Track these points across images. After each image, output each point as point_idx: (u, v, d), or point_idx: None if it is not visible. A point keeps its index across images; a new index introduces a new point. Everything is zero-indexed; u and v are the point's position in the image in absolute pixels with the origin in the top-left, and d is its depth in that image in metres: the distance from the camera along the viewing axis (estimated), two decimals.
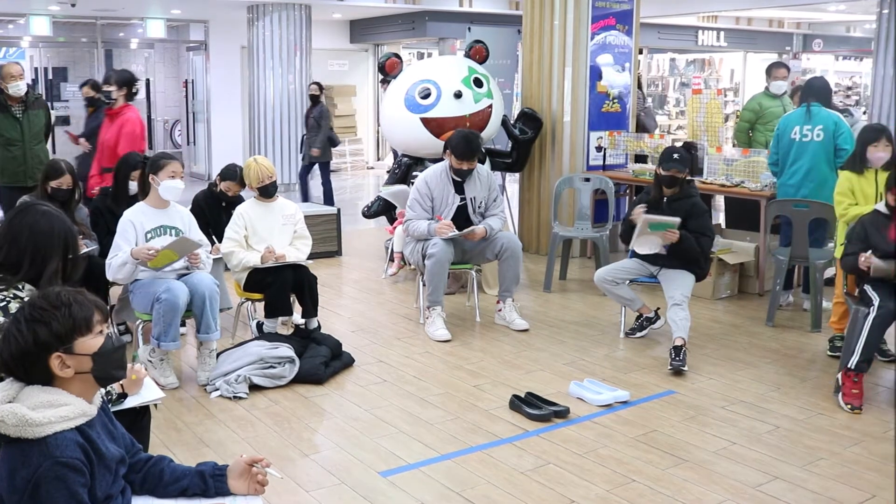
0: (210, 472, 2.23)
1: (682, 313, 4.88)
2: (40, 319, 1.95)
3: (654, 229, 4.94)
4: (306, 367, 4.60)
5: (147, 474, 2.22)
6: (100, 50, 13.15)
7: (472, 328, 5.66)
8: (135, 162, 5.17)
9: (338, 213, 7.97)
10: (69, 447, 1.89)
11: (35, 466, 1.86)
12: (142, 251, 4.33)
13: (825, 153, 5.72)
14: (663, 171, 5.05)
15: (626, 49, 7.79)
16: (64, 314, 1.96)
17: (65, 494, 1.86)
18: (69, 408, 1.94)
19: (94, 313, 2.00)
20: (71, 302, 1.97)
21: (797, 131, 5.78)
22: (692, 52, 18.59)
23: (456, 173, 5.50)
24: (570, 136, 7.70)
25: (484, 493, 3.36)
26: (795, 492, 3.37)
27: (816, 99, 5.81)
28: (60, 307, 1.96)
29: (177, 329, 4.42)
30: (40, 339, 1.93)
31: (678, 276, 5.05)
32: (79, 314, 1.98)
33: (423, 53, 16.50)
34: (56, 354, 1.95)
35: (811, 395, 4.45)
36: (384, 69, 7.30)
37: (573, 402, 4.31)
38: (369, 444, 3.83)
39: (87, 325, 1.99)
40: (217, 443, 3.81)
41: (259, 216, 5.08)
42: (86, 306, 1.99)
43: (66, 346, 1.96)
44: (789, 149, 5.83)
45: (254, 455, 2.28)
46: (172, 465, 2.25)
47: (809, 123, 5.74)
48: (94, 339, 1.99)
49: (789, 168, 5.85)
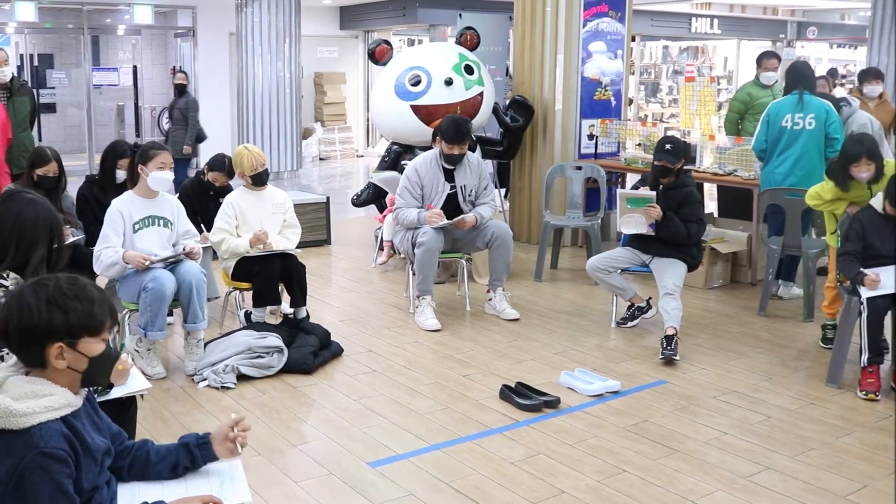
0: (195, 442, 2.25)
1: (674, 303, 4.86)
2: (61, 306, 1.92)
3: (633, 205, 4.98)
4: (295, 356, 4.56)
5: (134, 459, 2.22)
6: (86, 36, 13.01)
7: (463, 318, 5.63)
8: (122, 150, 5.13)
9: (327, 201, 7.91)
10: (54, 438, 1.87)
11: (19, 457, 1.83)
12: (137, 258, 4.29)
13: (816, 142, 5.69)
14: (655, 161, 5.07)
15: (619, 36, 7.75)
16: (85, 309, 1.94)
17: (49, 486, 1.84)
18: (54, 398, 1.92)
19: (108, 320, 2.00)
20: (94, 300, 1.96)
21: (789, 119, 5.74)
22: (685, 39, 18.53)
23: (447, 160, 5.45)
24: (562, 124, 7.66)
25: (474, 483, 3.34)
26: (787, 482, 3.36)
27: (805, 86, 5.78)
28: (84, 301, 1.95)
29: (164, 318, 4.38)
30: (53, 324, 1.91)
31: (670, 265, 5.03)
32: (97, 315, 1.97)
33: (414, 40, 16.40)
34: (59, 344, 1.93)
35: (803, 384, 4.43)
36: (374, 56, 7.23)
37: (564, 391, 4.28)
38: (358, 435, 3.80)
39: (98, 328, 1.98)
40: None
41: (249, 204, 5.04)
42: (105, 311, 1.99)
43: (72, 340, 1.94)
44: (780, 136, 5.79)
45: (233, 418, 2.28)
46: (156, 446, 2.26)
47: (801, 111, 5.71)
48: (97, 344, 1.99)
49: (778, 156, 5.81)
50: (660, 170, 5.05)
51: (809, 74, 5.96)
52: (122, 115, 14.44)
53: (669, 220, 4.98)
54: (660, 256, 5.09)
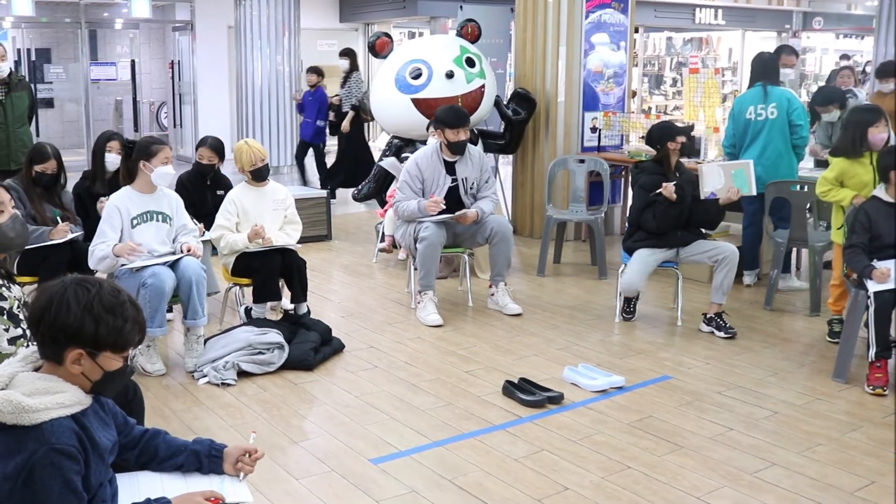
0: (206, 452, 2.24)
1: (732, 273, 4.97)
2: (95, 316, 1.92)
3: (737, 176, 5.01)
4: (295, 353, 4.53)
5: (142, 450, 2.22)
6: (84, 30, 12.94)
7: (465, 313, 5.59)
8: (107, 135, 5.25)
9: (328, 196, 7.86)
10: (65, 434, 1.88)
11: (30, 453, 1.84)
12: (125, 248, 4.25)
13: (780, 131, 5.76)
14: (669, 143, 5.07)
15: (622, 28, 7.69)
16: (116, 325, 1.95)
17: (59, 481, 1.85)
18: (65, 395, 1.93)
19: (134, 341, 2.01)
20: (129, 318, 1.97)
21: (752, 111, 5.80)
22: (689, 30, 18.40)
23: (452, 148, 5.39)
24: (564, 116, 7.60)
25: (476, 480, 3.31)
26: (793, 478, 3.32)
27: (769, 78, 5.82)
28: (118, 318, 1.95)
29: (163, 315, 4.35)
30: (83, 331, 1.92)
31: (700, 244, 5.09)
32: (127, 335, 1.98)
33: (415, 33, 16.33)
34: (80, 351, 1.94)
35: (809, 380, 4.39)
36: (374, 49, 7.18)
37: (567, 387, 4.25)
38: (359, 431, 3.77)
39: (124, 346, 1.99)
40: (205, 430, 3.74)
41: (251, 201, 5.01)
42: (135, 331, 2.00)
43: (95, 351, 1.95)
44: (745, 129, 5.85)
45: (248, 446, 2.27)
46: (168, 440, 2.26)
47: (764, 102, 5.75)
48: (116, 360, 2.00)
49: (746, 149, 5.87)
50: (680, 149, 5.09)
51: (774, 67, 5.99)
52: (121, 109, 14.37)
53: (711, 206, 5.06)
54: (683, 246, 5.10)
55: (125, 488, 2.15)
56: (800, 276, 6.38)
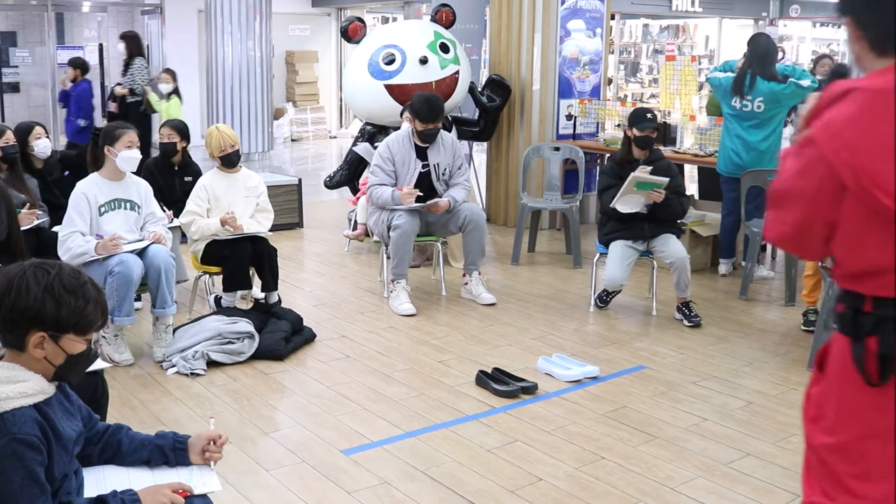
0: (170, 445, 2.20)
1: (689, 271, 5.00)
2: (56, 297, 1.90)
3: (641, 188, 4.90)
4: (266, 342, 4.47)
5: (105, 445, 2.19)
6: (50, 13, 12.68)
7: (438, 302, 5.54)
8: (26, 126, 5.33)
9: (299, 183, 7.77)
10: (27, 424, 1.85)
11: None
12: (107, 245, 4.17)
13: (767, 123, 5.71)
14: (638, 131, 5.00)
15: (598, 14, 7.64)
16: (78, 306, 1.92)
17: (21, 473, 1.82)
18: (28, 384, 1.89)
19: (97, 323, 1.98)
20: (90, 299, 1.94)
21: (737, 101, 5.76)
22: (666, 17, 18.38)
23: (421, 137, 5.34)
24: (540, 104, 7.56)
25: (449, 471, 3.27)
26: (767, 468, 3.32)
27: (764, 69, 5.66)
28: (80, 298, 1.92)
29: (131, 303, 4.27)
30: (44, 312, 1.89)
31: (668, 240, 5.03)
32: (89, 316, 1.95)
33: (388, 17, 16.19)
34: (42, 333, 1.91)
35: (784, 370, 4.40)
36: (347, 34, 7.08)
37: (541, 377, 4.22)
38: (331, 422, 3.72)
39: (86, 328, 1.96)
40: (174, 421, 3.68)
41: (223, 188, 4.92)
42: (97, 313, 1.97)
43: (57, 334, 1.92)
44: (730, 111, 5.81)
45: (211, 433, 2.22)
46: (131, 435, 2.22)
47: (750, 94, 5.69)
48: (79, 343, 1.97)
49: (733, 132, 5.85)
50: (645, 140, 5.02)
51: (772, 59, 5.81)
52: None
53: (670, 201, 4.95)
54: (653, 238, 5.06)
55: (91, 481, 2.11)
56: (765, 263, 6.41)
